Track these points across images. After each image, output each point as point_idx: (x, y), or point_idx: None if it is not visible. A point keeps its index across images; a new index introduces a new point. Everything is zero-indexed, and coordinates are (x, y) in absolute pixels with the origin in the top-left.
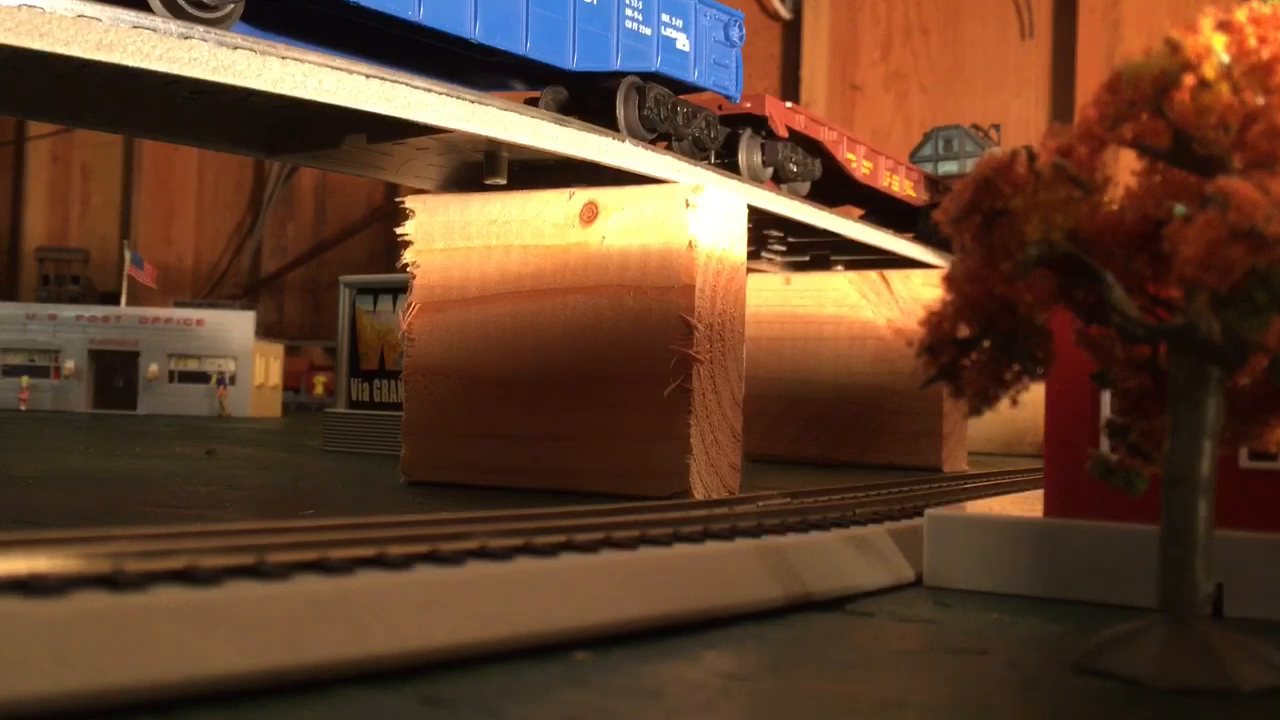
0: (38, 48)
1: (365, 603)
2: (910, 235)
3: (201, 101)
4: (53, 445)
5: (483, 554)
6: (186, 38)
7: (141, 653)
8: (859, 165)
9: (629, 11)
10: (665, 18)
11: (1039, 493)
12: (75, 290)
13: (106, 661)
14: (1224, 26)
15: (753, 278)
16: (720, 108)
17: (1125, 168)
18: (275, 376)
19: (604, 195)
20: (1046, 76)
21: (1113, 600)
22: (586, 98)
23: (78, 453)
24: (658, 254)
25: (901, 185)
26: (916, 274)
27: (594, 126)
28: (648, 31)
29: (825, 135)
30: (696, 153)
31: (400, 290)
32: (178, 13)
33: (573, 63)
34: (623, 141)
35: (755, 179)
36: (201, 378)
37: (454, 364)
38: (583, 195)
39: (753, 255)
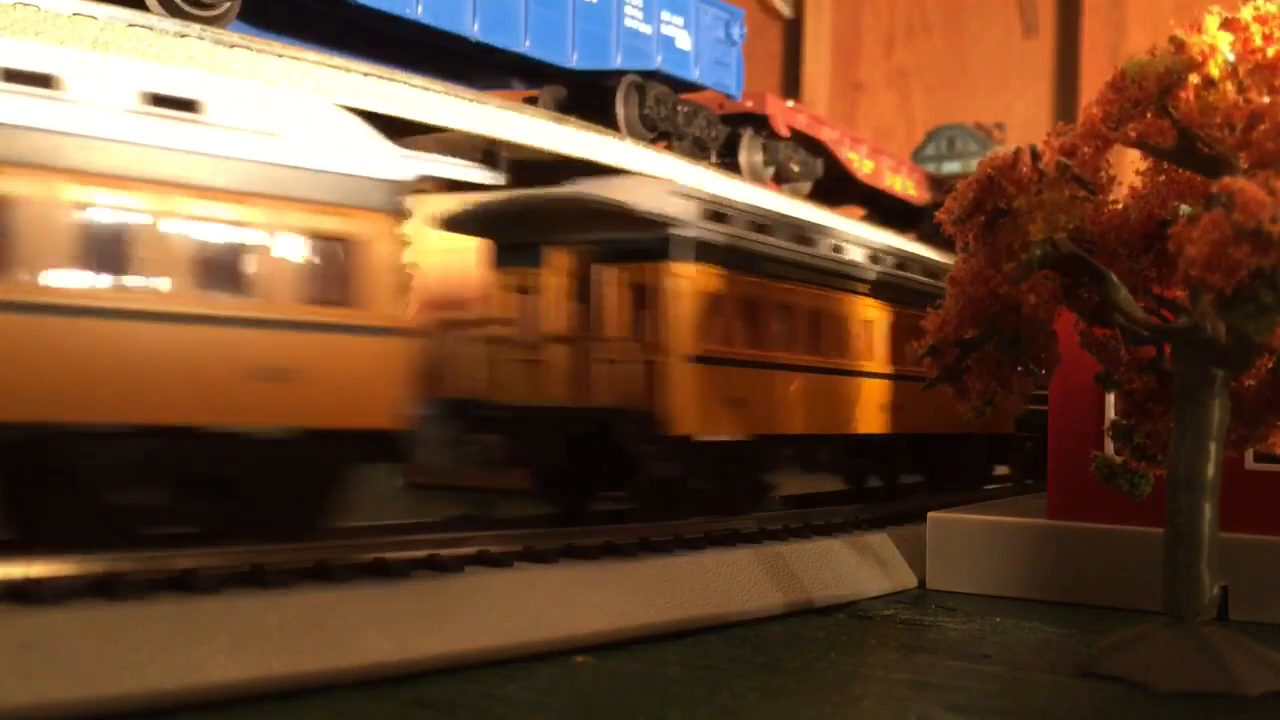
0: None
1: (364, 611)
2: (913, 235)
3: None
4: None
5: (482, 560)
6: (183, 36)
7: (138, 662)
8: (861, 165)
9: (629, 9)
10: (665, 16)
11: (1041, 495)
12: None
13: (104, 670)
14: (1229, 25)
15: None
16: (721, 106)
17: (1129, 167)
18: None
19: None
20: (1051, 75)
21: (1117, 603)
22: (586, 96)
23: None
24: None
25: (904, 185)
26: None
27: (593, 125)
28: (648, 30)
29: (827, 134)
30: (697, 152)
31: None
32: (174, 11)
33: (572, 61)
34: (622, 140)
35: (756, 179)
36: None
37: None
38: None
39: None
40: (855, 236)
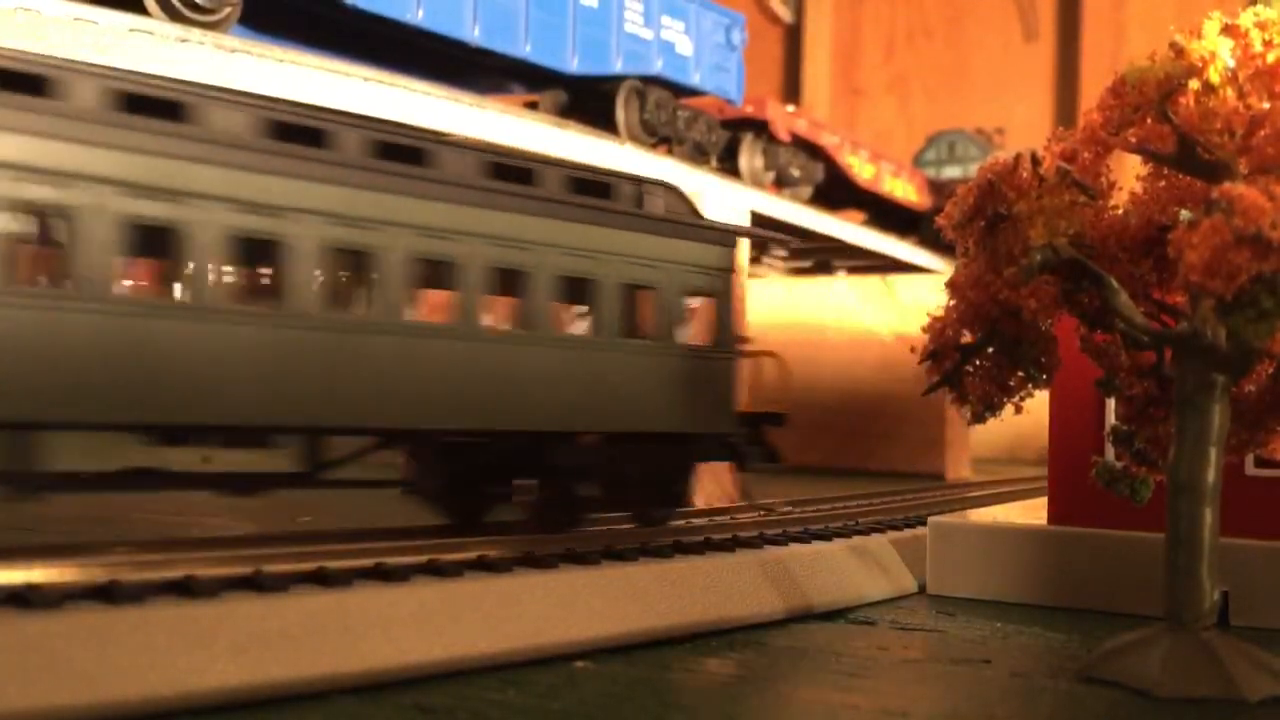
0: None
1: (363, 615)
2: (914, 240)
3: None
4: None
5: (481, 565)
6: (184, 41)
7: (138, 667)
8: (861, 169)
9: (629, 14)
10: (666, 21)
11: (1043, 500)
12: None
13: (104, 675)
14: (1229, 30)
15: (754, 282)
16: (721, 111)
17: (1130, 172)
18: None
19: None
20: (1051, 80)
21: (1118, 609)
22: (586, 101)
23: None
24: None
25: (904, 190)
26: (920, 279)
27: (594, 130)
28: (648, 34)
29: (827, 139)
30: (697, 157)
31: None
32: (175, 16)
33: (572, 66)
34: (622, 145)
35: (757, 183)
36: None
37: None
38: None
39: (754, 260)
40: None
